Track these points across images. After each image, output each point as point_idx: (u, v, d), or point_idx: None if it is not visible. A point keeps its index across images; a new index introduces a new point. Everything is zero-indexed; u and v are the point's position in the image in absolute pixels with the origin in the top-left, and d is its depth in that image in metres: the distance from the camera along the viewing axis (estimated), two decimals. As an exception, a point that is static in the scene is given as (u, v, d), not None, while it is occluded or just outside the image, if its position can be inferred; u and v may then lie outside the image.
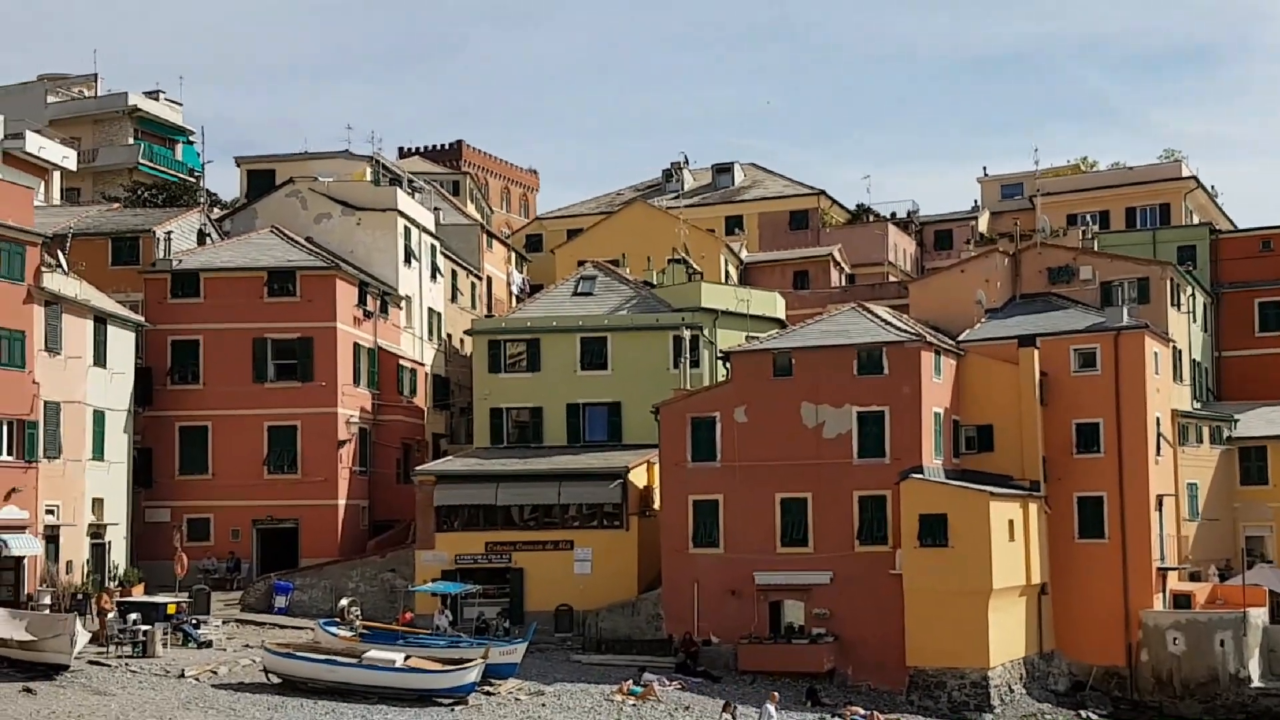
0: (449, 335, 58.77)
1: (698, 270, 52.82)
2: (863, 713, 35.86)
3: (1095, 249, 50.68)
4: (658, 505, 43.42)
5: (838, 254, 64.25)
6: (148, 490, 46.93)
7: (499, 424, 48.15)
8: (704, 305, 48.91)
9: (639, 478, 44.06)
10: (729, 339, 47.48)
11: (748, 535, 40.81)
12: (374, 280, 51.66)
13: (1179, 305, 49.14)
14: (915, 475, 39.29)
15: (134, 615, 35.86)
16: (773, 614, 40.45)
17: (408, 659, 33.86)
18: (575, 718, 32.85)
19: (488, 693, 33.91)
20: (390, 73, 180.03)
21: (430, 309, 57.15)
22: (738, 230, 68.62)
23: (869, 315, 43.34)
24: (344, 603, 41.67)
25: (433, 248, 57.64)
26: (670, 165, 76.09)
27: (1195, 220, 65.20)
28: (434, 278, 57.69)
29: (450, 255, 59.98)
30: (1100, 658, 42.04)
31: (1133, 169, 71.13)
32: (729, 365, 43.26)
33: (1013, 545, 39.86)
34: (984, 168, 77.51)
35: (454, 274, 60.56)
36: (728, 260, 61.31)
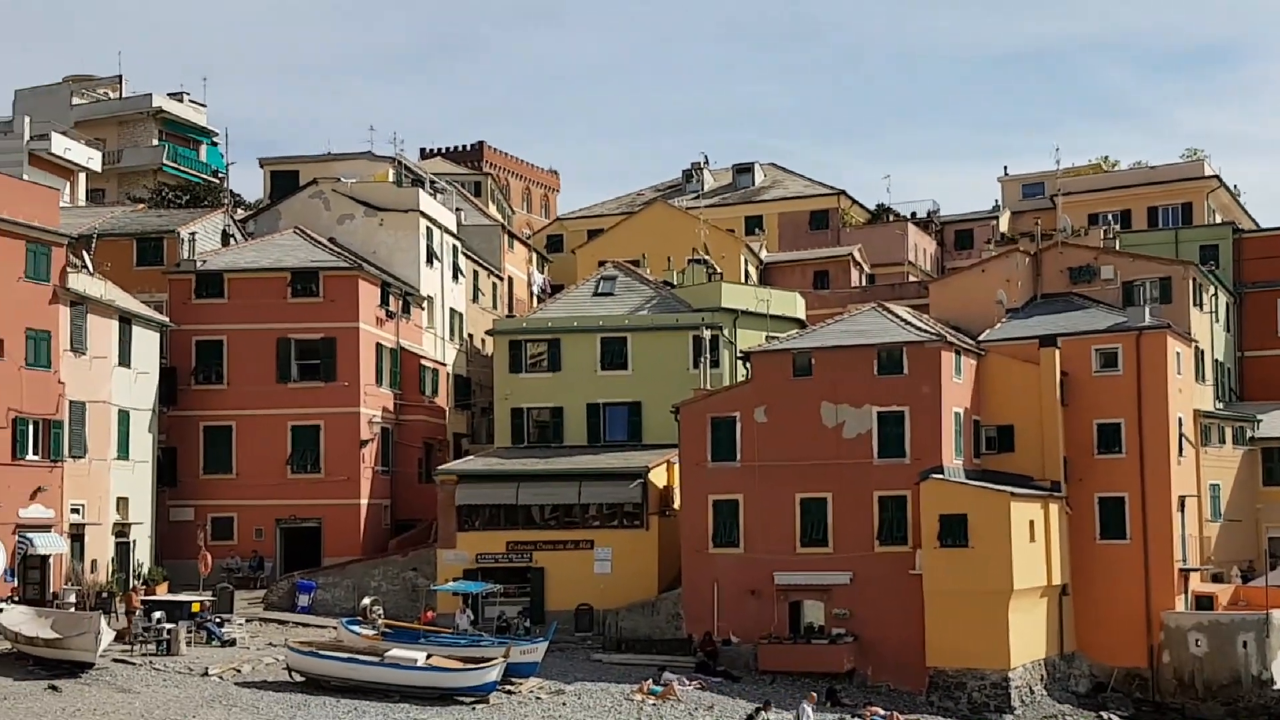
0: (470, 335, 59.00)
1: (718, 270, 52.86)
2: (882, 713, 35.87)
3: (1117, 248, 50.34)
4: (678, 505, 43.48)
5: (858, 254, 64.20)
6: (172, 489, 47.30)
7: (520, 424, 48.32)
8: (724, 305, 48.92)
9: (659, 477, 44.15)
10: (749, 339, 47.45)
11: (767, 535, 40.81)
12: (396, 281, 51.91)
13: (1201, 305, 48.90)
14: (935, 475, 39.20)
15: (158, 614, 36.13)
16: (792, 614, 40.42)
17: (429, 658, 33.94)
18: (595, 717, 32.90)
19: (509, 691, 34.01)
20: (412, 74, 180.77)
21: (452, 309, 57.37)
22: (758, 230, 68.64)
23: (889, 315, 43.26)
24: (366, 601, 42.03)
25: (454, 248, 57.85)
26: (690, 165, 76.20)
27: (1218, 220, 64.79)
28: (456, 278, 57.91)
29: (472, 256, 60.19)
30: (1121, 659, 41.86)
31: (1155, 168, 70.66)
32: (749, 365, 43.25)
33: (1033, 546, 39.72)
34: (1005, 167, 77.29)
35: (475, 274, 60.77)
36: (748, 260, 61.32)
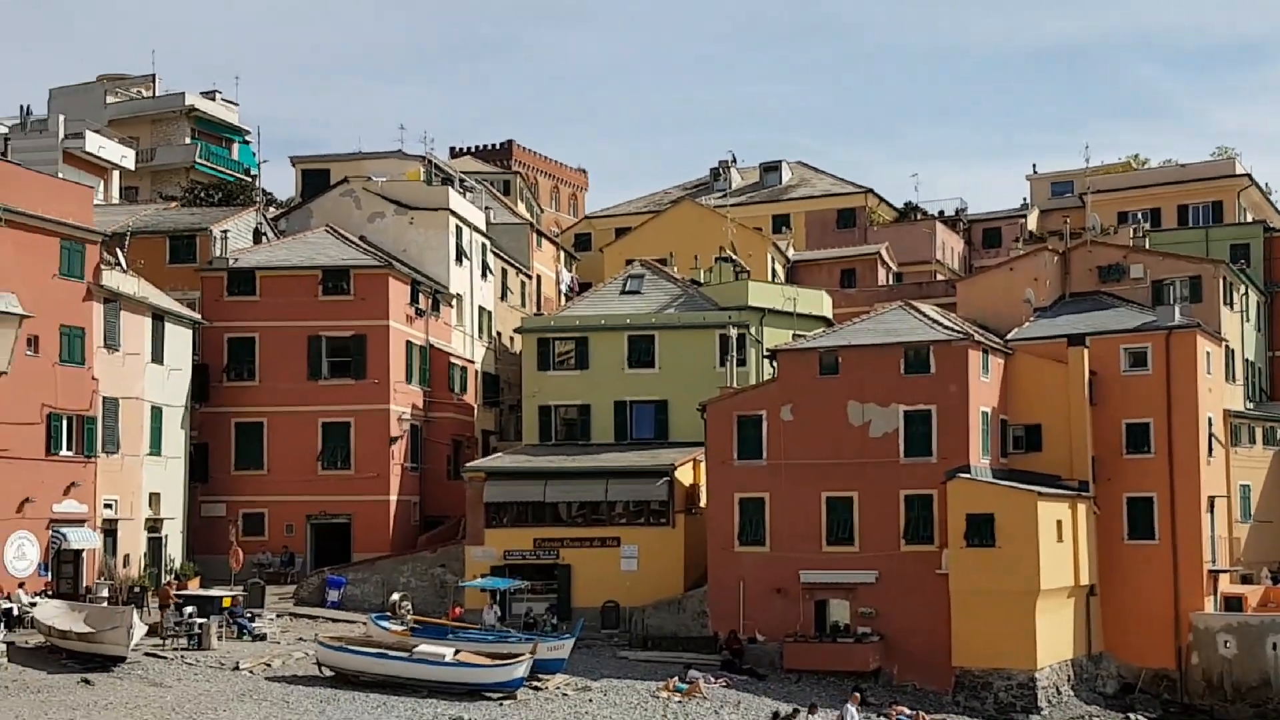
0: (499, 333, 59.25)
1: (745, 269, 52.87)
2: (908, 713, 35.82)
3: (1146, 247, 50.05)
4: (704, 503, 43.54)
5: (885, 252, 64.07)
6: (204, 485, 47.65)
7: (547, 421, 48.52)
8: (751, 304, 48.95)
9: (685, 475, 44.22)
10: (775, 337, 47.48)
11: (793, 533, 40.82)
12: (426, 279, 52.19)
13: (1232, 304, 48.61)
14: (962, 475, 39.12)
15: (190, 608, 36.50)
16: (818, 612, 40.40)
17: (457, 653, 34.13)
18: (621, 714, 33.01)
19: (536, 688, 34.17)
20: (442, 73, 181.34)
21: (481, 307, 57.65)
22: (785, 229, 68.55)
23: (916, 314, 43.21)
24: (395, 597, 42.28)
25: (483, 247, 58.13)
26: (718, 164, 76.13)
27: (1248, 218, 64.33)
28: (484, 276, 58.18)
29: (501, 254, 60.45)
30: (1150, 660, 41.72)
31: (1185, 166, 70.25)
32: (775, 364, 43.26)
33: (1061, 546, 39.61)
34: (1034, 165, 76.85)
35: (504, 273, 61.03)
36: (775, 259, 61.32)
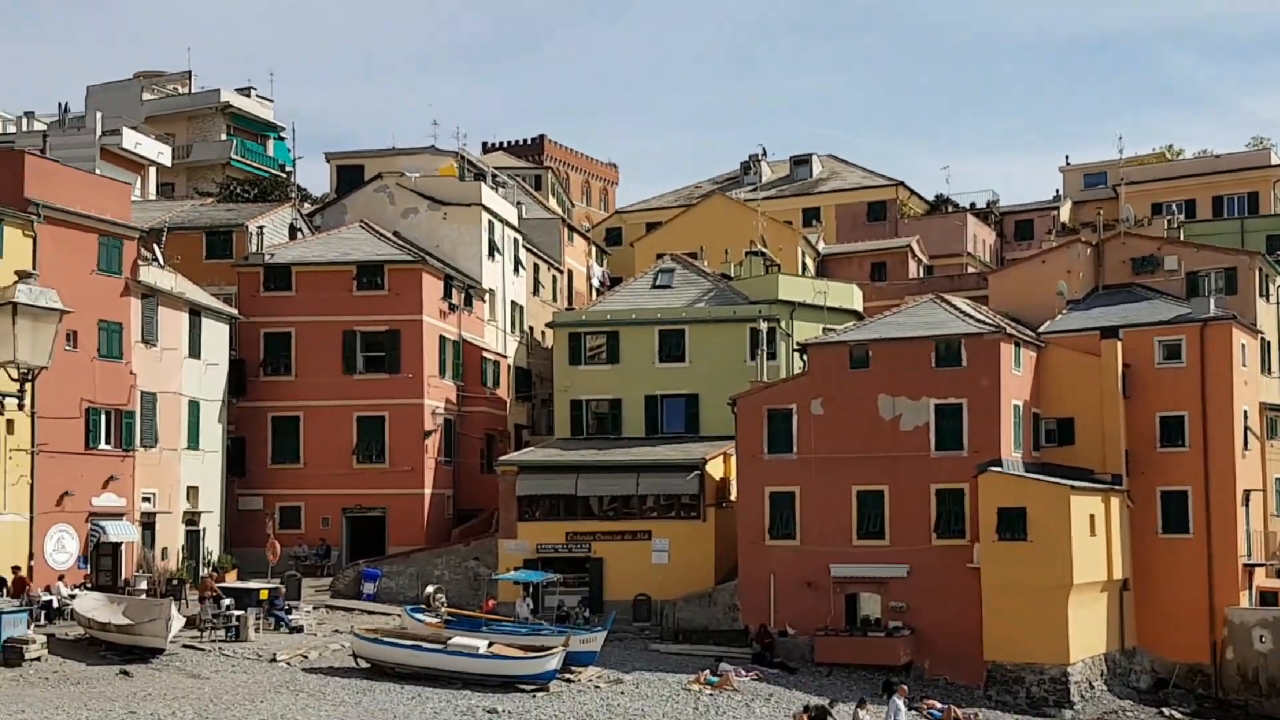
0: (531, 328, 59.53)
1: (775, 262, 52.90)
2: (939, 707, 35.84)
3: (1181, 238, 49.61)
4: (734, 497, 43.62)
5: (916, 245, 63.88)
6: (241, 479, 48.12)
7: (579, 415, 48.75)
8: (781, 297, 48.98)
9: (716, 469, 44.34)
10: (806, 331, 47.49)
11: (824, 527, 40.84)
12: (459, 274, 52.48)
13: (1268, 295, 48.15)
14: (994, 468, 39.06)
15: (228, 600, 36.93)
16: (849, 606, 40.44)
17: (491, 645, 34.39)
18: (653, 706, 33.15)
19: (568, 680, 34.35)
20: (475, 69, 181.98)
21: (513, 302, 57.92)
22: (815, 222, 68.54)
23: (947, 307, 43.07)
24: (430, 590, 42.66)
25: (515, 242, 58.38)
26: (748, 157, 76.21)
27: (1286, 209, 63.87)
28: (517, 271, 58.44)
29: (532, 249, 60.69)
30: (1184, 655, 41.51)
31: (1220, 157, 69.69)
32: (806, 357, 43.21)
33: (1094, 540, 39.47)
34: (1066, 156, 76.61)
35: (536, 267, 61.28)
36: (805, 252, 61.25)
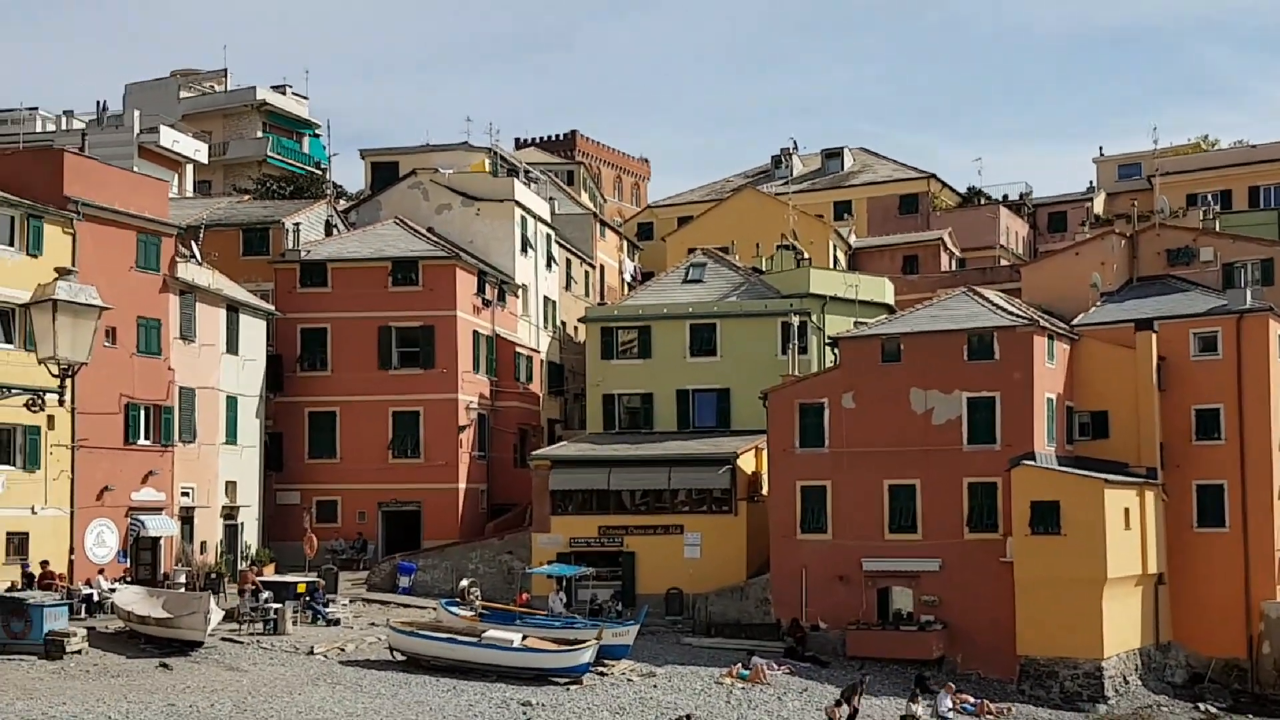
0: (563, 323, 59.78)
1: (806, 256, 52.85)
2: (972, 701, 35.88)
3: (1216, 229, 49.23)
4: (766, 491, 43.68)
5: (948, 238, 63.67)
6: (278, 473, 48.58)
7: (611, 410, 48.95)
8: (812, 291, 48.93)
9: (747, 464, 44.41)
10: (837, 325, 47.45)
11: (855, 521, 40.82)
12: (492, 269, 52.78)
13: (1305, 287, 47.75)
14: (1027, 462, 38.92)
15: (266, 594, 37.38)
16: (881, 600, 40.43)
17: (525, 639, 34.60)
18: (686, 699, 33.32)
19: (601, 673, 34.55)
20: (507, 65, 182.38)
21: (545, 297, 58.19)
22: (847, 215, 68.41)
23: (979, 299, 42.92)
24: (464, 583, 42.99)
25: (548, 237, 58.64)
26: (780, 151, 76.08)
27: (1323, 199, 63.21)
28: (549, 266, 58.70)
29: (565, 244, 60.93)
30: (1219, 649, 41.26)
31: (1256, 147, 68.95)
32: (837, 351, 43.21)
33: (1128, 534, 39.27)
34: (1100, 148, 75.96)
35: (568, 262, 61.52)
36: (836, 245, 61.19)
